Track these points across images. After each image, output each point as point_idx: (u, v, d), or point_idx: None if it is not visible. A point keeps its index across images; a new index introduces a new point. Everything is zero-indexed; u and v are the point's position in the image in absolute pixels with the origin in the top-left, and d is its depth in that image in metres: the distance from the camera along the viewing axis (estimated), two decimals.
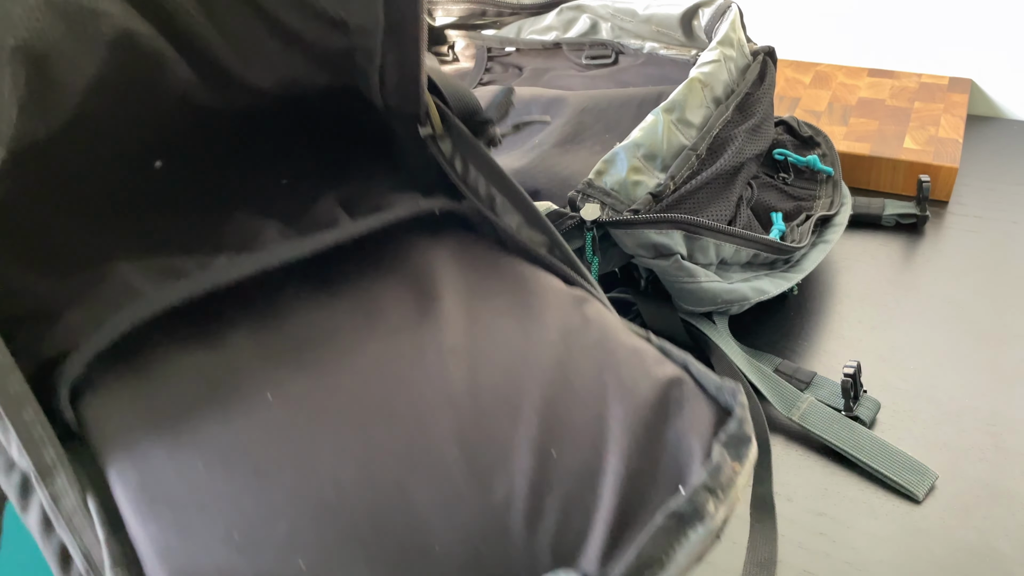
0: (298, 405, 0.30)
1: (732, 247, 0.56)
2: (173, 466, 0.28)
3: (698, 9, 0.67)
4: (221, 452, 0.28)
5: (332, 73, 0.39)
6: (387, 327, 0.33)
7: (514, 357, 0.33)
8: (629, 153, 0.55)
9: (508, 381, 0.32)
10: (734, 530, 0.49)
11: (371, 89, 0.38)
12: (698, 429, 0.31)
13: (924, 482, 0.49)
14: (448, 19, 0.81)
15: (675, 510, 0.28)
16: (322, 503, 0.27)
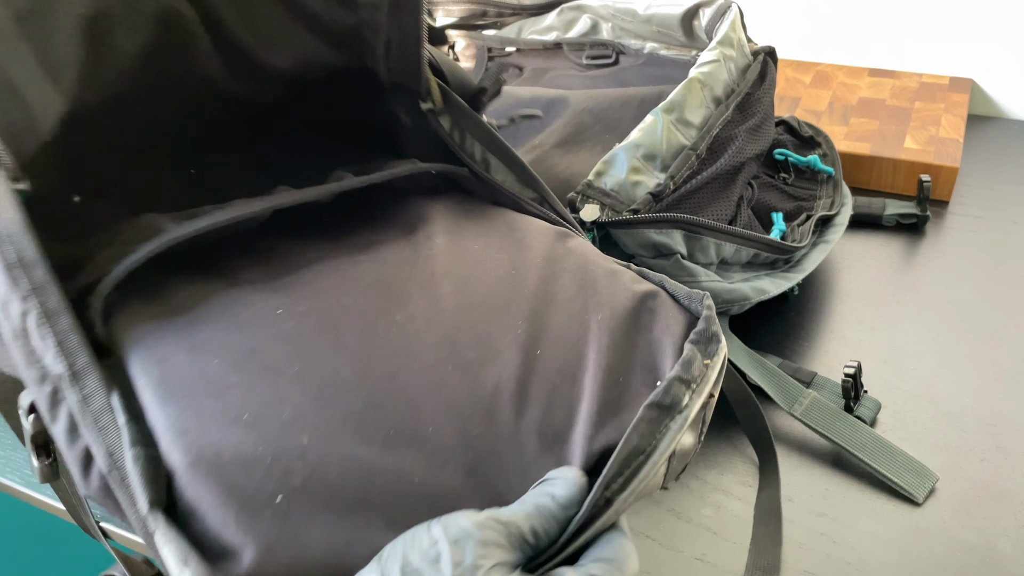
0: (303, 318, 0.33)
1: (732, 247, 0.56)
2: (191, 362, 0.31)
3: (698, 9, 0.67)
4: (234, 352, 0.31)
5: (342, 51, 0.42)
6: (385, 258, 0.37)
7: (501, 277, 0.36)
8: (628, 154, 0.55)
9: (496, 295, 0.35)
10: (738, 531, 0.48)
11: (377, 63, 0.41)
12: (671, 331, 0.34)
13: (924, 484, 0.49)
14: (449, 19, 0.81)
15: (655, 402, 0.31)
16: (323, 391, 0.30)
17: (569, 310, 0.35)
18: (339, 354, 0.32)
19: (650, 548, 0.48)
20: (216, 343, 0.32)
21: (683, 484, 0.52)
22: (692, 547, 0.48)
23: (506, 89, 0.75)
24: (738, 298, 0.56)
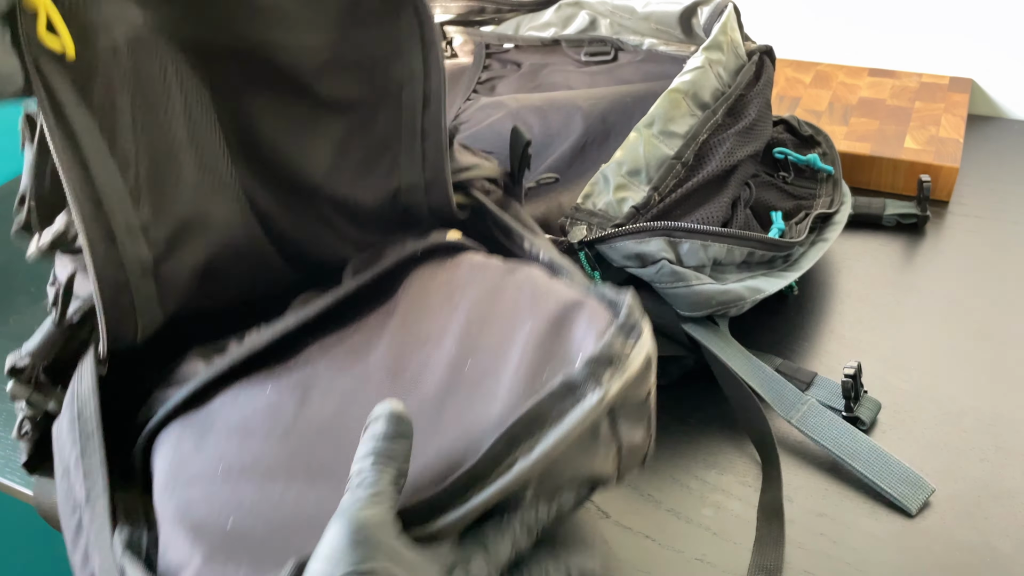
0: (285, 394, 0.40)
1: (722, 248, 0.56)
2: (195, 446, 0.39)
3: (697, 7, 0.67)
4: (228, 425, 0.39)
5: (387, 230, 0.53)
6: (356, 348, 0.42)
7: (441, 321, 0.41)
8: (613, 172, 0.57)
9: (432, 335, 0.40)
10: (737, 532, 0.48)
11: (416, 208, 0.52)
12: (595, 327, 0.36)
13: (919, 495, 0.48)
14: (446, 16, 0.80)
15: (568, 379, 0.33)
16: (283, 433, 0.38)
17: (502, 323, 0.39)
18: (302, 405, 0.39)
19: (650, 548, 0.48)
20: (218, 440, 0.39)
21: (683, 484, 0.52)
22: (692, 547, 0.48)
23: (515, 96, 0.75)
24: (733, 299, 0.55)
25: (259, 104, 0.48)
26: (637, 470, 0.38)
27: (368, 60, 0.49)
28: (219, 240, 0.47)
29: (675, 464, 0.53)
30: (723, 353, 0.55)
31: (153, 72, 0.43)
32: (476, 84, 0.79)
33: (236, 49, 0.46)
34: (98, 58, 0.39)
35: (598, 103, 0.69)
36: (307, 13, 0.46)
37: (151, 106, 0.43)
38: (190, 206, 0.45)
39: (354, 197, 0.51)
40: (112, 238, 0.40)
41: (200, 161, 0.46)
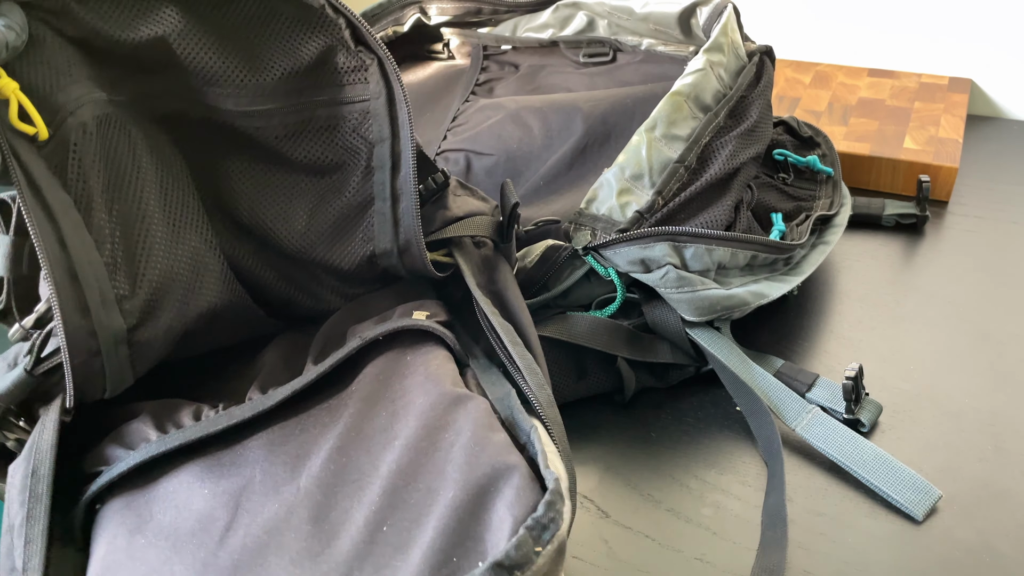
0: (216, 500, 0.41)
1: (726, 251, 0.56)
2: (128, 545, 0.39)
3: (696, 8, 0.66)
4: (160, 528, 0.40)
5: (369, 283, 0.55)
6: (295, 457, 0.43)
7: (374, 458, 0.40)
8: (615, 177, 0.57)
9: (363, 476, 0.40)
10: (737, 531, 0.48)
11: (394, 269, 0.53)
12: (514, 512, 0.35)
13: (926, 501, 0.48)
14: (443, 17, 0.80)
15: (498, 561, 0.32)
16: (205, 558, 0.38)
17: (427, 486, 0.38)
18: (230, 527, 0.39)
19: (650, 548, 0.48)
20: (150, 528, 0.40)
21: (682, 484, 0.52)
22: (692, 547, 0.48)
23: (514, 98, 0.75)
24: (737, 303, 0.55)
25: (235, 169, 0.50)
26: None
27: (335, 122, 0.50)
28: (199, 304, 0.48)
29: (675, 464, 0.53)
30: (729, 361, 0.55)
31: (123, 147, 0.45)
32: (474, 86, 0.79)
33: (204, 118, 0.48)
34: (69, 138, 0.41)
35: (598, 105, 0.69)
36: (263, 80, 0.48)
37: (124, 179, 0.44)
38: (167, 274, 0.46)
39: (331, 260, 0.52)
40: (86, 310, 0.41)
41: (175, 229, 0.47)
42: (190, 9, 0.45)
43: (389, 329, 0.47)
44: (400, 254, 0.52)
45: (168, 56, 0.45)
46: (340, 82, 0.50)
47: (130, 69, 0.45)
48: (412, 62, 0.84)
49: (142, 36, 0.44)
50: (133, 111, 0.46)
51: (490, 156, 0.70)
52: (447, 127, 0.75)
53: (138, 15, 0.44)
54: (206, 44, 0.46)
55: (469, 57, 0.82)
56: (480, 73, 0.80)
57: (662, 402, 0.58)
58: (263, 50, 0.48)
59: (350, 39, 0.48)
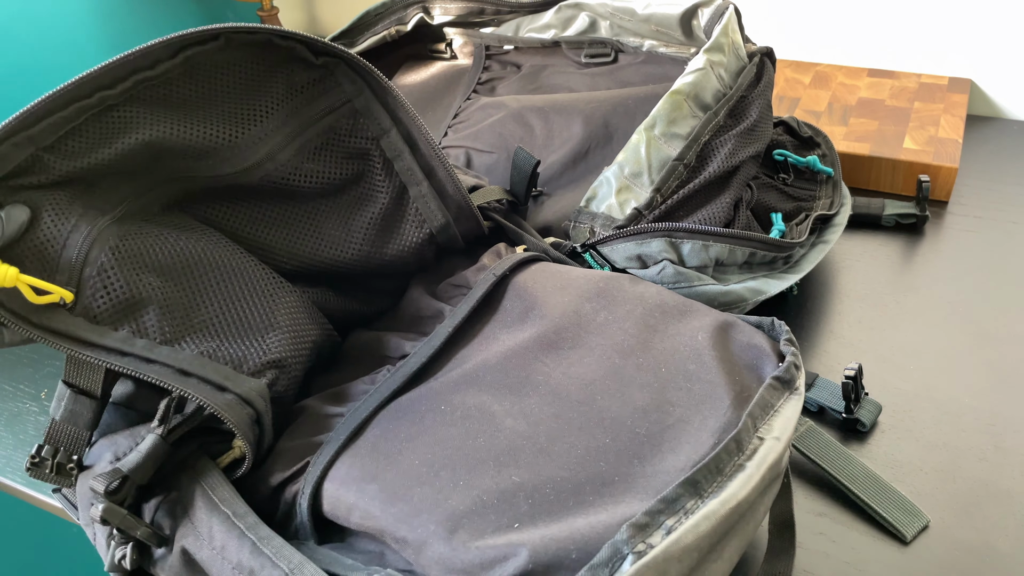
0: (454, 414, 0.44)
1: (724, 247, 0.56)
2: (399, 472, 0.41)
3: (697, 9, 0.67)
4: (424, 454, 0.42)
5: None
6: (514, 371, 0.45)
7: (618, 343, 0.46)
8: (615, 175, 0.58)
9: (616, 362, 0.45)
10: None
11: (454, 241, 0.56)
12: (758, 339, 0.44)
13: (915, 523, 0.48)
14: (446, 17, 0.81)
15: (778, 376, 0.41)
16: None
17: (673, 332, 0.45)
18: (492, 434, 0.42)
19: None
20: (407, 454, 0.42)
21: None
22: None
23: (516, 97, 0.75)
24: (734, 300, 0.56)
25: (255, 226, 0.52)
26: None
27: (328, 136, 0.51)
28: (308, 342, 0.50)
29: None
30: None
31: (152, 245, 0.45)
32: (476, 85, 0.79)
33: (207, 190, 0.49)
34: (97, 284, 0.43)
35: (600, 105, 0.69)
36: (248, 132, 0.49)
37: (183, 271, 0.46)
38: (269, 324, 0.48)
39: (390, 257, 0.54)
40: (222, 387, 0.43)
41: (243, 286, 0.48)
42: (149, 101, 0.45)
43: (512, 262, 0.51)
44: (455, 221, 0.54)
45: (149, 155, 0.46)
46: (313, 96, 0.50)
47: (117, 181, 0.46)
48: (415, 61, 0.84)
49: (119, 149, 0.44)
50: (136, 216, 0.46)
51: (490, 154, 0.70)
52: (448, 124, 0.75)
53: (107, 133, 0.44)
54: (179, 123, 0.46)
55: (472, 57, 0.82)
56: (482, 73, 0.80)
57: None
58: (233, 101, 0.48)
59: (310, 54, 0.49)
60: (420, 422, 0.43)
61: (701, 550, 0.34)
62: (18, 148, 0.40)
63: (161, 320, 0.44)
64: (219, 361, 0.45)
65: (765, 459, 0.37)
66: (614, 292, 0.48)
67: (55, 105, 0.41)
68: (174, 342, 0.44)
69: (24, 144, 0.41)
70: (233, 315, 0.47)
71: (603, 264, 0.58)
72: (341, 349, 0.54)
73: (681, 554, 0.33)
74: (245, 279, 0.48)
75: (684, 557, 0.34)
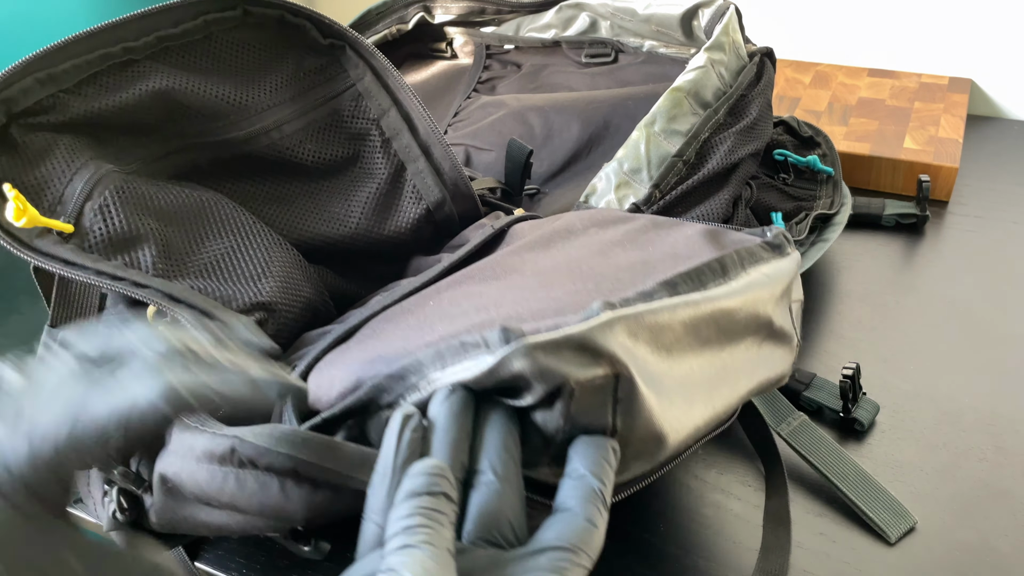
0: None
1: None
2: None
3: (698, 10, 0.67)
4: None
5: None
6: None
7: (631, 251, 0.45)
8: (614, 171, 0.58)
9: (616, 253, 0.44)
10: (737, 531, 0.48)
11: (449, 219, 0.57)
12: (750, 237, 0.43)
13: (900, 525, 0.47)
14: (447, 16, 0.81)
15: (765, 241, 0.41)
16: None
17: (663, 234, 0.44)
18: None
19: (650, 547, 0.48)
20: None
21: (683, 484, 0.52)
22: (692, 547, 0.48)
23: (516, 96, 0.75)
24: None
25: (259, 197, 0.53)
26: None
27: (332, 118, 0.53)
28: (303, 298, 0.50)
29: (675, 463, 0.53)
30: None
31: (161, 195, 0.46)
32: (476, 84, 0.79)
33: (214, 159, 0.51)
34: (95, 217, 0.43)
35: (600, 105, 0.69)
36: (257, 98, 0.51)
37: (185, 218, 0.47)
38: (267, 267, 0.48)
39: (388, 234, 0.55)
40: (210, 315, 0.43)
41: (243, 239, 0.48)
42: (168, 59, 0.47)
43: (507, 221, 0.51)
44: (452, 199, 0.55)
45: (163, 108, 0.47)
46: (319, 82, 0.53)
47: (131, 137, 0.47)
48: (416, 60, 0.84)
49: (134, 98, 0.46)
50: (146, 177, 0.47)
51: (490, 152, 0.70)
52: (448, 122, 0.75)
53: (126, 81, 0.46)
54: (194, 82, 0.48)
55: (472, 56, 0.82)
56: (483, 72, 0.80)
57: None
58: (246, 73, 0.50)
59: (318, 36, 0.51)
60: (407, 313, 0.43)
61: (677, 335, 0.34)
62: (41, 85, 0.42)
63: (155, 258, 0.44)
64: (209, 296, 0.45)
65: (750, 287, 0.38)
66: (607, 216, 0.48)
67: (81, 48, 0.43)
68: (166, 276, 0.44)
69: (47, 82, 0.42)
70: (228, 262, 0.47)
71: None
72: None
73: (654, 325, 0.33)
74: (244, 232, 0.49)
75: (658, 330, 0.33)
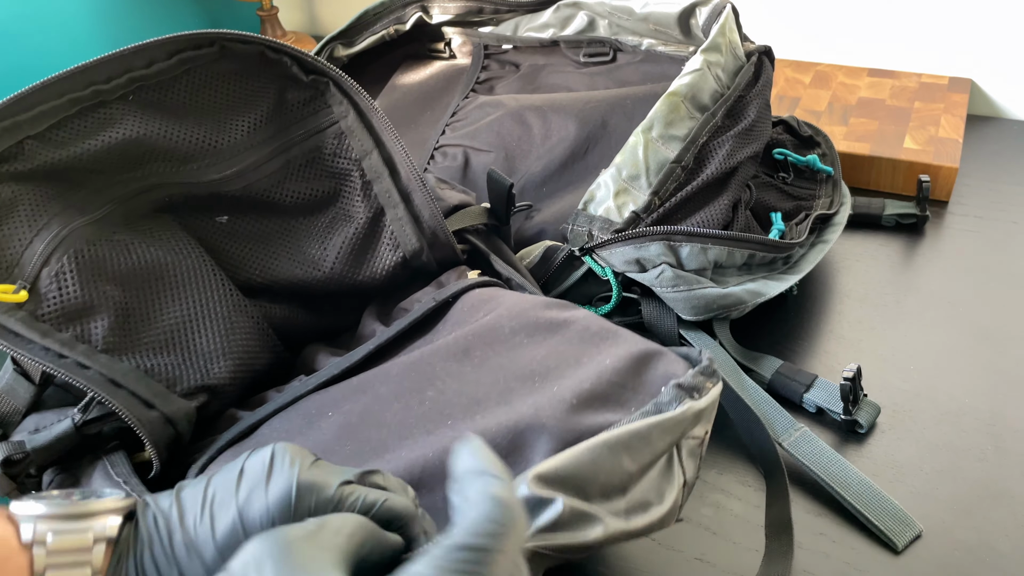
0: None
1: (723, 250, 0.56)
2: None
3: (695, 8, 0.66)
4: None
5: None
6: (410, 382, 0.44)
7: (513, 354, 0.42)
8: (613, 178, 0.57)
9: (502, 367, 0.42)
10: (737, 531, 0.48)
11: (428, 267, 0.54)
12: (676, 369, 0.40)
13: (907, 532, 0.47)
14: (445, 16, 0.80)
15: (680, 383, 0.38)
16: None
17: (577, 360, 0.40)
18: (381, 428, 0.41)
19: (650, 548, 0.48)
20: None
21: None
22: (692, 547, 0.48)
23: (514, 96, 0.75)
24: (733, 302, 0.55)
25: (234, 237, 0.51)
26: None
27: (313, 155, 0.52)
28: (251, 369, 0.50)
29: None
30: (722, 371, 0.55)
31: (118, 259, 0.46)
32: (474, 84, 0.79)
33: (189, 197, 0.49)
34: (52, 283, 0.43)
35: (598, 105, 0.69)
36: (233, 139, 0.49)
37: (145, 284, 0.46)
38: (211, 351, 0.48)
39: (364, 279, 0.53)
40: (150, 404, 0.43)
41: (207, 310, 0.48)
42: (140, 101, 0.46)
43: (460, 287, 0.49)
44: (430, 247, 0.53)
45: (135, 153, 0.46)
46: (302, 116, 0.51)
47: (104, 176, 0.46)
48: (413, 61, 0.84)
49: (104, 144, 0.44)
50: (117, 220, 0.46)
51: (488, 153, 0.70)
52: (446, 122, 0.75)
53: (96, 127, 0.44)
54: (168, 125, 0.47)
55: (470, 56, 0.82)
56: (481, 72, 0.80)
57: None
58: (223, 111, 0.49)
59: (300, 72, 0.49)
60: (308, 424, 0.43)
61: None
62: (8, 133, 0.41)
63: (109, 330, 0.44)
64: (155, 377, 0.45)
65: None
66: (539, 321, 0.44)
67: (49, 94, 0.41)
68: (116, 352, 0.44)
69: (13, 130, 0.41)
70: (184, 336, 0.47)
71: (603, 267, 0.58)
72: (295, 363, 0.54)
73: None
74: (207, 300, 0.48)
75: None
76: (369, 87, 0.83)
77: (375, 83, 0.83)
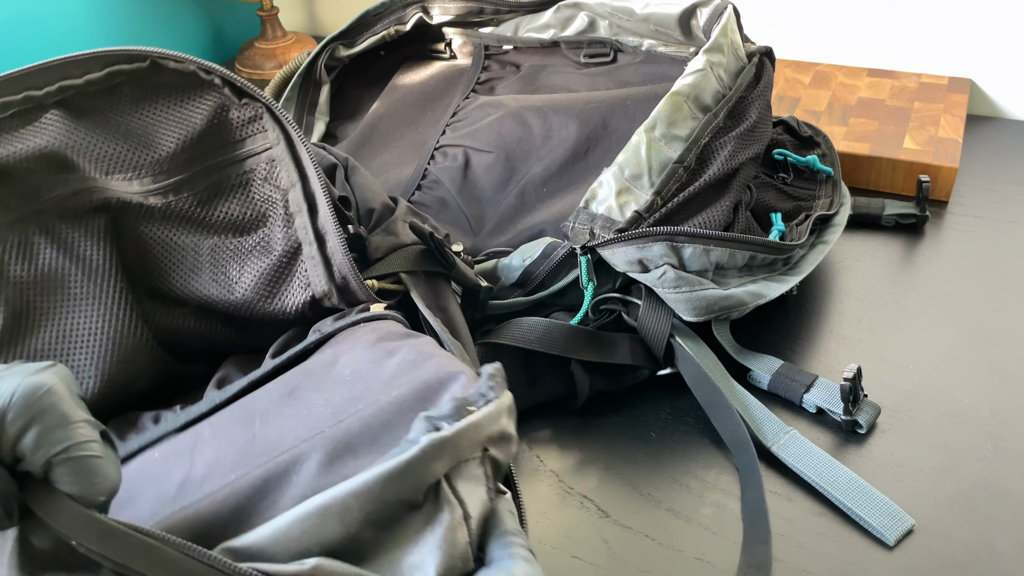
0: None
1: (724, 251, 0.56)
2: None
3: (696, 9, 0.66)
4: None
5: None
6: (243, 415, 0.42)
7: (324, 391, 0.41)
8: (615, 177, 0.57)
9: (310, 403, 0.40)
10: (737, 531, 0.48)
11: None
12: (458, 395, 0.36)
13: (898, 527, 0.47)
14: (445, 17, 0.80)
15: (431, 415, 0.34)
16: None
17: (374, 397, 0.38)
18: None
19: (650, 548, 0.48)
20: None
21: (682, 484, 0.52)
22: (691, 546, 0.48)
23: (515, 96, 0.75)
24: (734, 304, 0.55)
25: (157, 247, 0.51)
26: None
27: (246, 177, 0.51)
28: (126, 383, 0.49)
29: (674, 463, 0.53)
30: (707, 368, 0.55)
31: (27, 263, 0.46)
32: (475, 85, 0.79)
33: (115, 204, 0.49)
34: None
35: (599, 105, 0.69)
36: (161, 155, 0.49)
37: (44, 291, 0.46)
38: (100, 365, 0.47)
39: (274, 311, 0.51)
40: None
41: (92, 323, 0.48)
42: (70, 109, 0.46)
43: (348, 322, 0.47)
44: (339, 292, 0.50)
45: (60, 160, 0.46)
46: (240, 136, 0.51)
47: (22, 186, 0.46)
48: (414, 61, 0.84)
49: (27, 150, 0.45)
50: (35, 222, 0.47)
51: (488, 153, 0.70)
52: (446, 123, 0.75)
53: (21, 130, 0.45)
54: (96, 137, 0.47)
55: (471, 57, 0.82)
56: (481, 72, 0.80)
57: (661, 401, 0.58)
58: (153, 127, 0.49)
59: (232, 95, 0.49)
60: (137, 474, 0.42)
61: None
62: None
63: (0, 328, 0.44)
64: None
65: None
66: (368, 353, 0.43)
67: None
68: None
69: None
70: (66, 349, 0.47)
71: (591, 278, 0.57)
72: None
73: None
74: (98, 317, 0.48)
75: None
76: (370, 87, 0.83)
77: (376, 83, 0.83)
